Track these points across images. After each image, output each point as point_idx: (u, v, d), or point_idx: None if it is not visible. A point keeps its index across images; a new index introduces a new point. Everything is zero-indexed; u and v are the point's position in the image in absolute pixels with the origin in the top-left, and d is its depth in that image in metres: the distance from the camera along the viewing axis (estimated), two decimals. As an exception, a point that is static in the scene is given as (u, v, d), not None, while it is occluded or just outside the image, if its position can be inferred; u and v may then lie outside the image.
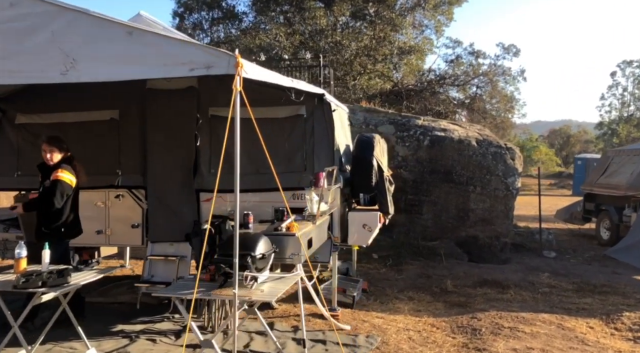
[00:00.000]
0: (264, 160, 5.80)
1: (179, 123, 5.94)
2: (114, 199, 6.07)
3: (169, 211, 5.89)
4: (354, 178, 5.85)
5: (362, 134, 6.23)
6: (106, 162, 6.03)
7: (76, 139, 6.09)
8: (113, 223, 6.05)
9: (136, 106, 6.01)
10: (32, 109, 6.15)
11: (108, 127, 6.05)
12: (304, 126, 5.84)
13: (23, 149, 6.15)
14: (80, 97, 6.07)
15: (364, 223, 5.69)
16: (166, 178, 5.93)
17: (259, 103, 5.80)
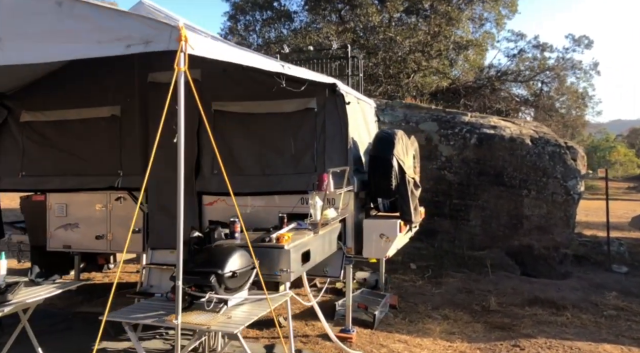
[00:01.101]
0: (270, 160, 5.21)
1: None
2: (114, 202, 5.65)
3: (170, 216, 5.37)
4: (371, 181, 5.08)
5: (382, 130, 5.44)
6: (107, 162, 5.62)
7: (78, 137, 5.75)
8: (114, 228, 5.64)
9: (138, 102, 5.56)
10: (36, 106, 5.86)
11: (109, 124, 5.64)
12: (314, 121, 5.15)
13: (28, 149, 5.87)
14: (82, 92, 5.72)
15: (381, 233, 4.91)
16: (166, 180, 5.41)
17: (265, 96, 5.19)
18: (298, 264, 3.85)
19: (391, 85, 21.29)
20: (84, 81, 5.70)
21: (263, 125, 5.25)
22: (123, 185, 5.50)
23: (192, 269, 3.13)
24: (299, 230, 4.33)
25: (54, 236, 5.81)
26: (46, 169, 5.78)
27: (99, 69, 5.63)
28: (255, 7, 23.61)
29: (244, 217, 5.20)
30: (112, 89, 5.63)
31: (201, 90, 5.32)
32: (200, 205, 5.36)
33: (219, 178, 5.26)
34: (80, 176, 5.65)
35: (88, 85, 5.69)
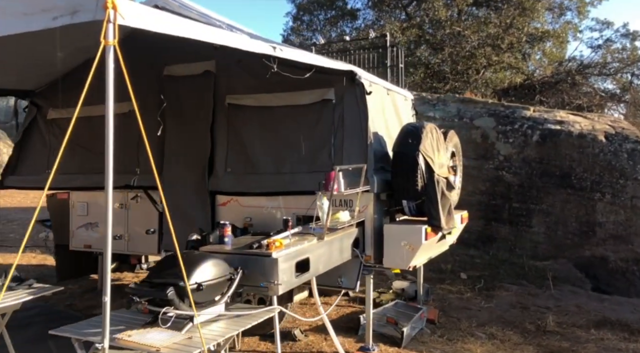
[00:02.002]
0: (286, 157, 4.74)
1: (194, 114, 5.11)
2: (131, 201, 5.43)
3: (184, 216, 5.07)
4: (394, 181, 4.46)
5: (408, 123, 4.79)
6: (125, 159, 5.40)
7: (99, 133, 5.57)
8: (131, 228, 5.42)
9: (154, 96, 5.31)
10: (62, 103, 5.78)
11: (127, 120, 5.41)
12: (332, 114, 4.62)
13: (54, 146, 5.81)
14: (103, 88, 5.55)
15: (403, 240, 4.28)
16: (180, 178, 5.13)
17: (280, 88, 4.74)
18: (290, 275, 3.34)
19: (459, 82, 20.18)
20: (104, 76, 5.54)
21: (278, 119, 4.80)
22: (139, 184, 5.26)
23: (149, 280, 2.72)
24: (304, 235, 3.83)
25: (76, 235, 5.72)
26: (70, 166, 5.67)
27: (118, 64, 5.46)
28: (318, 7, 23.33)
29: (258, 219, 4.80)
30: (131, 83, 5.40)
31: (215, 83, 4.99)
32: (213, 205, 4.99)
33: (233, 177, 4.89)
34: (101, 174, 5.47)
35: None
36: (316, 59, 3.99)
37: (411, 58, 20.66)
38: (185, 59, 5.15)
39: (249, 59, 4.26)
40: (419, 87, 19.66)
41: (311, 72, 4.09)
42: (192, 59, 5.08)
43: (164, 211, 5.18)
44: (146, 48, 5.32)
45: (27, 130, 6.00)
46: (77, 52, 5.45)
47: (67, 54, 5.33)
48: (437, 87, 19.46)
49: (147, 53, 5.32)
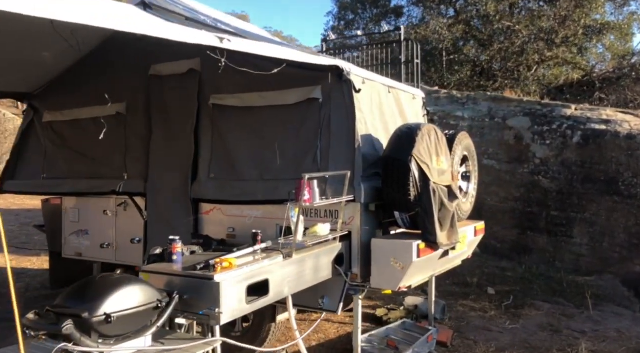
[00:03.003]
0: (270, 162, 4.29)
1: (179, 116, 4.76)
2: (118, 208, 5.16)
3: (167, 225, 4.74)
4: (384, 190, 3.90)
5: (403, 125, 4.21)
6: (114, 164, 5.16)
7: (89, 137, 5.37)
8: (119, 237, 5.15)
9: (142, 97, 5.01)
10: (56, 105, 5.63)
11: (116, 122, 5.16)
12: (318, 114, 4.12)
13: (49, 150, 5.66)
14: (94, 89, 5.33)
15: (392, 257, 3.72)
16: (164, 184, 4.79)
17: (265, 86, 4.30)
18: (239, 301, 2.89)
19: (508, 80, 19.04)
20: (95, 76, 5.33)
21: (263, 120, 4.36)
22: (125, 190, 4.98)
23: (52, 310, 2.35)
24: (271, 251, 3.36)
25: (68, 242, 5.52)
26: (62, 171, 5.51)
27: (109, 62, 5.22)
28: (361, 5, 22.77)
29: (241, 229, 4.38)
30: (118, 84, 5.15)
31: (200, 83, 4.62)
32: (196, 213, 4.61)
33: (216, 184, 4.50)
34: (90, 179, 5.28)
35: (99, 81, 5.30)
36: (285, 53, 3.51)
37: (457, 56, 19.70)
38: (171, 57, 4.81)
39: (235, 56, 3.87)
40: (465, 86, 18.66)
41: (280, 67, 3.62)
42: (177, 57, 4.74)
43: (151, 219, 4.88)
44: (134, 47, 5.06)
45: (24, 133, 5.89)
46: (68, 52, 5.26)
47: (58, 54, 5.14)
48: (485, 85, 18.44)
49: (134, 52, 5.05)
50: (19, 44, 4.27)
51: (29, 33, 4.13)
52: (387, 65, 6.81)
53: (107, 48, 5.20)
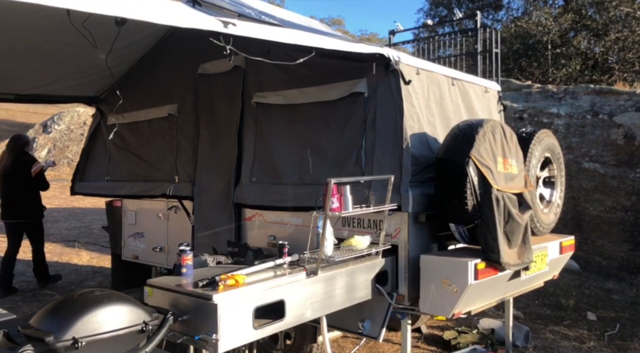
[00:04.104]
0: (311, 165, 3.87)
1: (224, 116, 4.50)
2: (169, 211, 5.03)
3: (212, 231, 4.50)
4: (437, 197, 3.29)
5: (461, 122, 3.53)
6: (166, 166, 5.04)
7: (146, 139, 5.34)
8: (171, 241, 5.01)
9: (191, 98, 4.84)
10: (119, 108, 5.65)
11: (168, 124, 5.05)
12: (363, 111, 3.62)
13: (113, 152, 5.71)
14: (150, 91, 5.29)
15: (444, 278, 3.10)
16: (209, 188, 4.56)
17: (308, 81, 3.90)
18: (243, 325, 2.48)
19: (628, 73, 16.93)
20: (150, 78, 5.27)
21: (304, 119, 3.95)
22: (174, 193, 4.83)
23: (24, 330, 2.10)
24: (296, 267, 2.93)
25: (127, 245, 5.52)
26: (123, 173, 5.53)
27: (162, 64, 5.13)
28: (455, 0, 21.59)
29: (282, 238, 3.99)
30: (170, 85, 5.04)
31: (245, 80, 4.33)
32: (239, 219, 4.31)
33: (257, 188, 4.16)
34: (145, 181, 5.21)
35: (155, 83, 5.24)
36: (310, 39, 3.04)
37: (564, 48, 17.87)
38: (219, 54, 4.57)
39: (279, 49, 3.52)
40: (574, 82, 16.84)
41: (308, 57, 3.17)
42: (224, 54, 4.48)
43: (197, 224, 4.68)
44: (186, 46, 4.91)
45: (92, 136, 6.02)
46: (129, 53, 5.26)
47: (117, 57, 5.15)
48: (598, 80, 16.53)
49: (186, 52, 4.90)
50: (83, 49, 4.26)
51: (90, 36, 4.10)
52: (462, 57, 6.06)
53: (160, 49, 5.11)
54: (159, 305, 2.59)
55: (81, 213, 12.49)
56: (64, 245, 9.09)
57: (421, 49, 6.78)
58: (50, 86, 5.45)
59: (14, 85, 5.35)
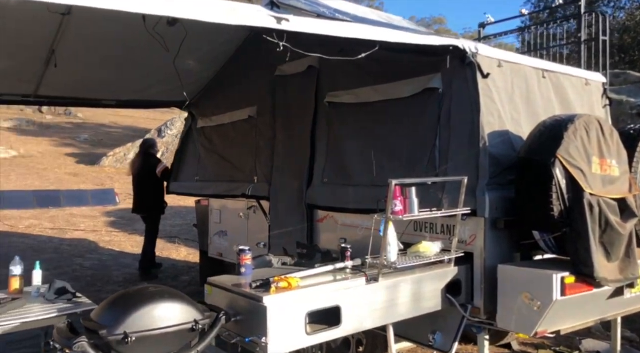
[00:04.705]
0: (381, 165, 3.68)
1: (298, 116, 4.45)
2: (248, 211, 5.08)
3: (285, 230, 4.46)
4: (517, 201, 2.93)
5: (549, 118, 3.10)
6: (246, 167, 5.11)
7: (229, 141, 5.47)
8: (250, 240, 5.06)
9: (269, 99, 4.85)
10: (207, 111, 5.88)
11: (248, 126, 5.12)
12: (437, 107, 3.36)
13: (202, 154, 5.92)
14: (234, 94, 5.41)
15: (524, 292, 2.74)
16: (283, 189, 4.53)
17: (380, 78, 3.72)
18: (294, 330, 2.37)
19: None
20: (235, 81, 5.39)
21: (376, 118, 3.77)
22: (252, 193, 4.87)
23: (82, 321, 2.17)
24: (358, 272, 2.77)
25: (213, 242, 5.68)
26: (210, 173, 5.71)
27: (245, 67, 5.22)
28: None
29: (353, 241, 3.84)
30: (251, 88, 5.11)
31: (318, 80, 4.26)
32: (310, 220, 4.23)
33: (328, 189, 4.06)
34: (228, 182, 5.33)
35: (238, 86, 5.35)
36: (374, 33, 2.84)
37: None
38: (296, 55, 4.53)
39: (352, 47, 3.42)
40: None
41: (370, 51, 2.97)
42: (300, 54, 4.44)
43: (272, 224, 4.68)
44: (265, 49, 4.93)
45: (184, 139, 6.29)
46: (213, 58, 5.43)
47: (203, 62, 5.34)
48: None
49: (265, 54, 4.92)
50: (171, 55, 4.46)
51: (176, 42, 4.27)
52: (565, 46, 5.41)
53: (242, 53, 5.20)
54: (217, 303, 2.56)
55: (184, 211, 13.26)
56: (166, 240, 9.67)
57: (525, 41, 6.18)
58: (146, 92, 5.78)
59: (115, 92, 5.75)
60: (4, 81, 4.98)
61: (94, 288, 6.37)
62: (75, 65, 4.69)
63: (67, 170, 18.57)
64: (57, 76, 4.78)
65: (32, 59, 4.52)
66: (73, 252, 8.61)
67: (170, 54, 4.28)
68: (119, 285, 6.62)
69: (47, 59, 4.51)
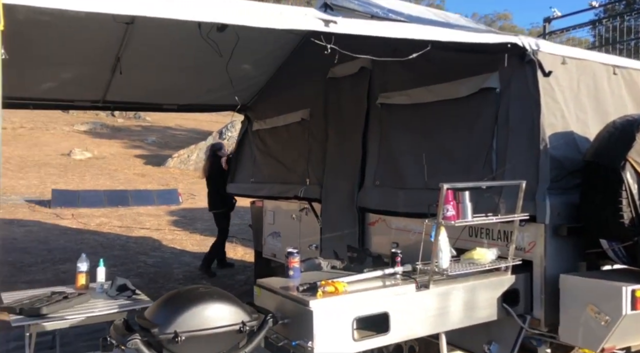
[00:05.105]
0: (435, 168, 3.56)
1: (350, 118, 4.40)
2: (300, 213, 5.08)
3: (337, 234, 4.43)
4: (582, 207, 2.72)
5: (619, 118, 2.84)
6: (299, 169, 5.12)
7: (283, 143, 5.51)
8: (302, 242, 5.07)
9: (321, 102, 4.83)
10: (262, 114, 5.95)
11: (301, 128, 5.13)
12: (494, 108, 3.20)
13: (257, 156, 6.00)
14: (288, 97, 5.44)
15: (590, 304, 2.54)
16: (335, 191, 4.49)
17: (435, 78, 3.60)
18: (342, 336, 2.31)
19: None
20: (289, 84, 5.42)
21: (430, 119, 3.65)
22: (305, 195, 4.86)
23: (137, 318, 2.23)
24: (408, 278, 2.68)
25: (267, 243, 5.74)
26: (264, 175, 5.76)
27: (297, 71, 5.23)
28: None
29: (406, 247, 3.73)
30: (304, 91, 5.11)
31: (370, 81, 4.20)
32: (362, 224, 4.16)
33: (380, 192, 3.98)
34: (282, 184, 5.36)
35: (291, 89, 5.37)
36: (425, 32, 2.74)
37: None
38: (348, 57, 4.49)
39: (405, 48, 3.35)
40: None
41: (422, 51, 2.87)
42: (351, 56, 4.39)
43: (324, 226, 4.66)
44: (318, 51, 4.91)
45: (240, 141, 6.40)
46: (268, 63, 5.48)
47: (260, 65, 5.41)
48: None
49: (318, 57, 4.90)
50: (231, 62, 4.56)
51: (231, 48, 4.36)
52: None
53: (296, 57, 5.21)
54: (265, 305, 2.56)
55: (243, 211, 13.54)
56: (225, 240, 9.91)
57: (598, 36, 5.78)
58: (205, 97, 5.92)
59: (176, 97, 5.94)
60: (76, 88, 5.27)
61: (156, 285, 6.61)
62: (139, 71, 4.88)
63: (135, 171, 19.50)
64: (123, 82, 4.99)
65: (100, 67, 4.75)
66: (138, 249, 9.00)
67: (224, 59, 4.38)
68: (179, 283, 6.84)
69: (113, 67, 4.72)
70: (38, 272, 7.24)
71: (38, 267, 7.47)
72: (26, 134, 23.05)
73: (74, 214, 12.22)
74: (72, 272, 3.92)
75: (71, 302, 3.32)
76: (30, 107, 5.66)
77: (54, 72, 4.70)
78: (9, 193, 13.63)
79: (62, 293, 3.39)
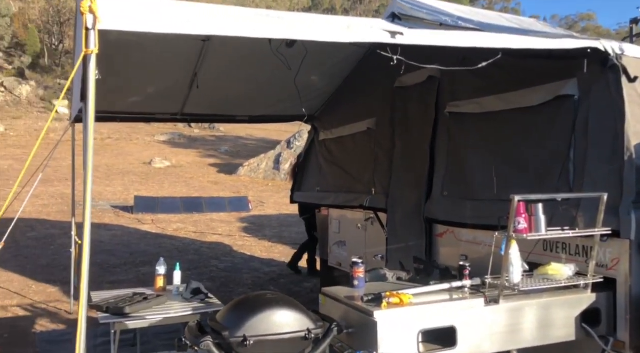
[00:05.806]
0: (506, 178, 3.41)
1: (417, 128, 4.32)
2: (366, 222, 5.04)
3: (403, 244, 4.34)
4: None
5: None
6: (364, 178, 5.09)
7: (348, 153, 5.51)
8: (368, 252, 5.02)
9: (388, 111, 4.78)
10: (327, 124, 5.99)
11: (367, 138, 5.10)
12: (572, 116, 3.01)
13: (323, 165, 6.05)
14: (354, 107, 5.44)
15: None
16: (401, 201, 4.41)
17: (506, 86, 3.47)
18: (404, 348, 2.25)
19: None
20: (356, 95, 5.42)
21: (501, 128, 3.50)
22: (370, 205, 4.82)
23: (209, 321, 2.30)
24: (476, 292, 2.57)
25: (332, 252, 5.73)
26: (330, 184, 5.79)
27: (365, 81, 5.23)
28: None
29: (475, 260, 3.62)
30: (370, 100, 5.09)
31: (439, 90, 4.12)
32: (430, 235, 4.05)
33: (448, 202, 3.87)
34: (347, 193, 5.36)
35: (357, 99, 5.37)
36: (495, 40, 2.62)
37: None
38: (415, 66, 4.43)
39: (475, 56, 3.27)
40: None
41: (493, 59, 2.75)
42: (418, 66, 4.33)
43: (390, 236, 4.59)
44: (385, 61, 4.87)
45: (307, 150, 6.47)
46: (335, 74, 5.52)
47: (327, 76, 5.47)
48: None
49: (385, 67, 4.87)
50: (299, 74, 4.66)
51: (299, 61, 4.45)
52: None
53: (362, 67, 5.20)
54: (330, 314, 2.55)
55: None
56: (292, 247, 10.03)
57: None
58: (274, 107, 6.06)
59: (248, 109, 6.12)
60: (157, 102, 5.58)
61: (226, 289, 6.81)
62: (214, 85, 5.08)
63: (209, 179, 20.31)
64: (199, 96, 5.22)
65: (179, 82, 5.00)
66: (211, 254, 9.32)
67: (293, 72, 4.47)
68: (248, 288, 6.99)
69: (191, 81, 4.96)
70: (122, 273, 7.68)
71: (122, 269, 7.93)
72: (113, 144, 24.74)
73: (154, 220, 12.90)
74: (151, 274, 4.12)
75: (150, 303, 3.48)
76: (118, 119, 6.06)
77: (138, 88, 5.01)
78: (97, 199, 14.63)
79: (142, 294, 3.57)
